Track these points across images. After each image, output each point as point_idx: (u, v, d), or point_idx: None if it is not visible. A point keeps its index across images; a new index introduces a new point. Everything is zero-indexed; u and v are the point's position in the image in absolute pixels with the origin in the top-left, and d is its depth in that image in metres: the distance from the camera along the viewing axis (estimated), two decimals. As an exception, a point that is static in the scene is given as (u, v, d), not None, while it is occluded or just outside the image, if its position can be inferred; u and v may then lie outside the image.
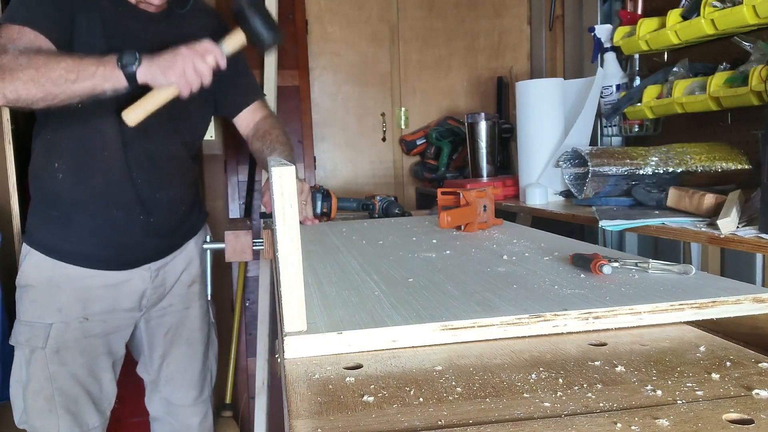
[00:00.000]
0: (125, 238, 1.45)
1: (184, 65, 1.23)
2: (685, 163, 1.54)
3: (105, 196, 1.40)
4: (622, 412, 0.45)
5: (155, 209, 1.47)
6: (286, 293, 0.62)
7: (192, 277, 1.63)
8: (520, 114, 1.91)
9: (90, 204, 1.40)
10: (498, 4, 2.91)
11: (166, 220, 1.52)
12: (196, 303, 1.65)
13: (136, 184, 1.42)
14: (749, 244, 1.00)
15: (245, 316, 2.67)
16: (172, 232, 1.56)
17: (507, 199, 2.01)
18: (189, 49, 1.24)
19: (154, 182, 1.46)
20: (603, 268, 0.81)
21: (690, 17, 1.59)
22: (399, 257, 1.00)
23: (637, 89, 1.85)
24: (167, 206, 1.50)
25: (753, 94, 1.41)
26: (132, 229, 1.45)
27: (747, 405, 0.46)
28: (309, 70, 2.76)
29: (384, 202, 1.79)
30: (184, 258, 1.61)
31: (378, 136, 2.88)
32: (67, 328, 1.41)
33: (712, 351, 0.58)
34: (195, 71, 1.24)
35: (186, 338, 1.63)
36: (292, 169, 0.61)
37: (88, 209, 1.40)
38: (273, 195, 0.61)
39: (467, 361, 0.57)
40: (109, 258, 1.45)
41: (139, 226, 1.45)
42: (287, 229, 0.61)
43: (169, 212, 1.52)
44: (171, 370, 1.64)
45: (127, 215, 1.43)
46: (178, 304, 1.61)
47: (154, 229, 1.48)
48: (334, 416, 0.46)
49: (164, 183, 1.48)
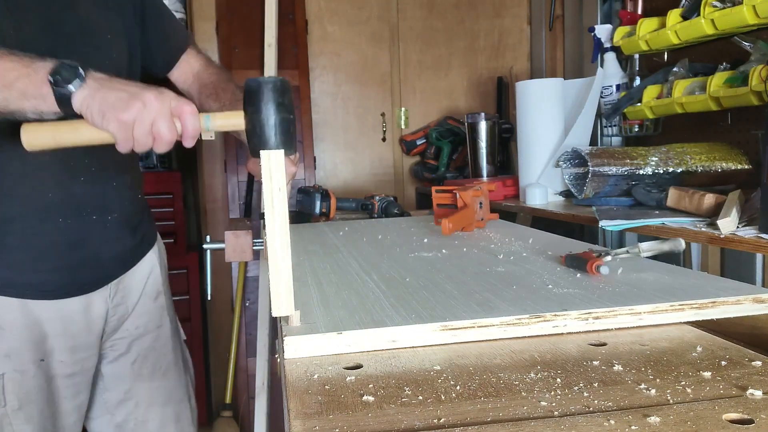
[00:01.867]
0: (79, 252, 1.14)
1: (142, 117, 0.80)
2: (685, 163, 1.54)
3: (43, 204, 1.08)
4: (621, 412, 0.45)
5: (112, 201, 1.18)
6: (274, 277, 0.62)
7: (157, 288, 1.31)
8: (520, 114, 1.91)
9: (26, 219, 1.08)
10: (498, 4, 2.91)
11: (129, 212, 1.22)
12: (166, 319, 1.32)
13: (83, 177, 1.12)
14: (749, 244, 1.00)
15: (245, 316, 2.67)
16: (135, 228, 1.25)
17: (507, 199, 2.01)
18: (158, 100, 0.81)
19: (105, 167, 1.15)
20: (600, 269, 0.81)
21: (690, 17, 1.59)
22: (398, 257, 1.00)
23: (637, 89, 1.85)
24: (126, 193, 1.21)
25: (753, 94, 1.41)
26: (87, 238, 1.14)
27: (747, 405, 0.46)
28: (309, 70, 2.76)
29: (383, 202, 1.79)
30: (146, 264, 1.29)
31: (378, 136, 2.88)
32: (24, 376, 1.10)
33: (712, 351, 0.58)
34: (152, 133, 0.81)
35: (159, 367, 1.30)
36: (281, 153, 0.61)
37: (26, 226, 1.08)
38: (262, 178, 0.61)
39: (467, 361, 0.57)
40: (61, 283, 1.13)
41: (95, 230, 1.15)
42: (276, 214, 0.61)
43: (129, 201, 1.23)
44: (141, 415, 1.28)
45: (77, 221, 1.12)
46: (147, 324, 1.28)
47: (116, 229, 1.19)
48: (333, 416, 0.46)
49: (118, 164, 1.18)
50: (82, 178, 1.11)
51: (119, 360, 1.26)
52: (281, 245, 0.62)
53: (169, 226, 2.61)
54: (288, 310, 0.63)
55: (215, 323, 2.78)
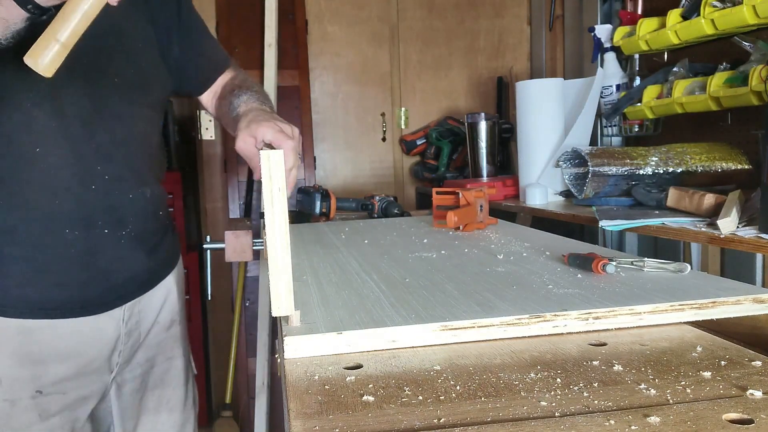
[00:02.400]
0: (87, 268, 1.01)
1: None
2: (685, 163, 1.54)
3: (50, 212, 0.97)
4: (621, 412, 0.45)
5: (127, 215, 1.05)
6: (274, 278, 0.62)
7: (171, 316, 1.18)
8: (520, 114, 1.91)
9: (29, 228, 0.97)
10: (498, 4, 2.91)
11: (147, 229, 1.10)
12: (178, 351, 1.20)
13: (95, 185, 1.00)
14: (749, 244, 1.00)
15: (245, 316, 2.67)
16: (154, 248, 1.12)
17: (507, 199, 2.01)
18: None
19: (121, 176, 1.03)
20: (606, 268, 0.80)
21: (690, 17, 1.59)
22: (398, 257, 1.00)
23: (637, 89, 1.85)
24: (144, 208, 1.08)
25: (753, 94, 1.41)
26: (98, 253, 1.01)
27: (747, 405, 0.46)
28: (309, 70, 2.76)
29: (383, 202, 1.79)
30: (162, 289, 1.16)
31: (378, 136, 2.88)
32: (14, 408, 0.97)
33: (712, 351, 0.58)
34: None
35: (166, 402, 1.18)
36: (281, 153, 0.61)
37: (29, 236, 0.97)
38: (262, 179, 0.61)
39: (467, 361, 0.57)
40: (65, 300, 1.00)
41: (107, 245, 1.02)
42: (276, 214, 0.61)
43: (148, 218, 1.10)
44: None
45: (86, 233, 0.99)
46: (158, 356, 1.16)
47: (131, 246, 1.06)
48: (333, 416, 0.46)
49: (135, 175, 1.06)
50: (93, 186, 0.99)
51: (128, 396, 1.13)
52: (281, 246, 0.62)
53: (169, 226, 2.61)
54: (288, 310, 0.63)
55: (215, 323, 2.78)
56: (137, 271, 1.09)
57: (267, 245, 0.64)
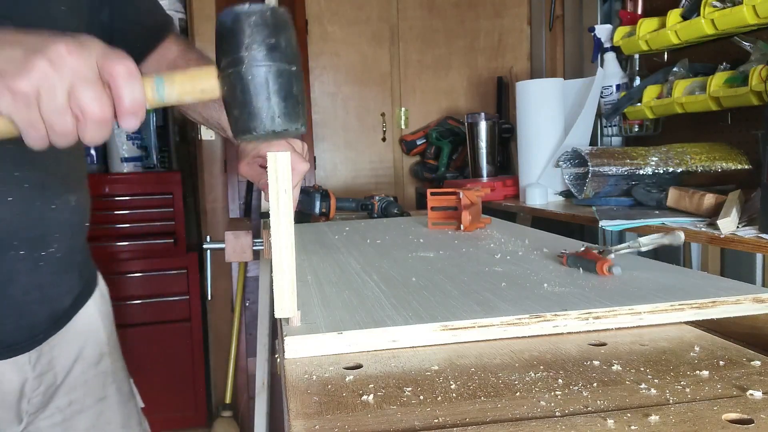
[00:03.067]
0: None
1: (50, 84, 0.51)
2: (685, 163, 1.54)
3: None
4: (621, 411, 0.45)
5: (50, 231, 0.83)
6: (277, 279, 0.62)
7: (99, 348, 0.95)
8: (520, 114, 1.91)
9: None
10: (498, 4, 2.91)
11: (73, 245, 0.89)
12: (112, 387, 0.97)
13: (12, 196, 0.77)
14: (749, 244, 1.00)
15: (245, 316, 2.68)
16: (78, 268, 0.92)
17: (507, 199, 2.01)
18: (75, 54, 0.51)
19: (43, 183, 0.81)
20: (612, 270, 0.79)
21: (690, 17, 1.59)
22: (398, 257, 1.00)
23: (637, 89, 1.85)
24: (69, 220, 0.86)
25: (753, 94, 1.41)
26: (8, 282, 0.79)
27: (747, 405, 0.46)
28: (309, 70, 2.76)
29: (383, 202, 1.79)
30: (82, 319, 0.93)
31: (378, 136, 2.88)
32: None
33: (712, 351, 0.58)
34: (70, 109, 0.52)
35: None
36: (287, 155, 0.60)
37: None
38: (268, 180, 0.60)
39: (467, 361, 0.57)
40: None
41: (21, 271, 0.80)
42: (281, 217, 0.61)
43: (74, 231, 0.88)
44: None
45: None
46: (86, 397, 0.93)
47: (52, 270, 0.84)
48: (333, 416, 0.46)
49: (61, 179, 0.84)
50: (9, 198, 0.76)
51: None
52: (286, 249, 0.62)
53: (169, 226, 2.61)
54: (291, 312, 0.63)
55: (215, 323, 2.78)
56: (57, 301, 0.87)
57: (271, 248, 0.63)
